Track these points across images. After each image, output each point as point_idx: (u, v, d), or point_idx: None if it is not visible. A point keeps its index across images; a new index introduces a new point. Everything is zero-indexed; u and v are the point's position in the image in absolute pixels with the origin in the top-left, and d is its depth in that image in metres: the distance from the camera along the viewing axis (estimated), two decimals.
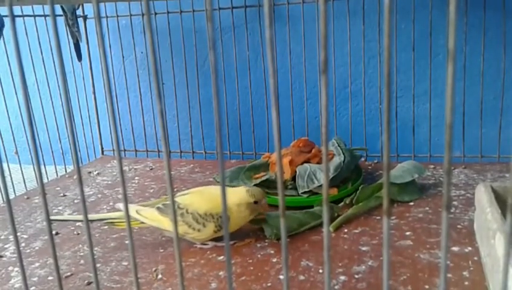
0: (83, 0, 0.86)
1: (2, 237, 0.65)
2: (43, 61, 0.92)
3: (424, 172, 0.71)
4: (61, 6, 0.89)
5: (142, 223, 0.57)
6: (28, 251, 0.60)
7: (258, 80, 0.97)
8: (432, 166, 0.83)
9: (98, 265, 0.55)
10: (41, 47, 0.92)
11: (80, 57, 0.96)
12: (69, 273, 0.54)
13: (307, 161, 0.73)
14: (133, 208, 0.57)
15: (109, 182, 0.87)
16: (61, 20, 0.98)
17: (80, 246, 0.61)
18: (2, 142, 0.85)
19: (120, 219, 0.58)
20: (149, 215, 0.57)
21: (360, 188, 0.66)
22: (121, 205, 0.59)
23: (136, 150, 1.07)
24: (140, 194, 0.79)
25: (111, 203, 0.76)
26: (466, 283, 0.46)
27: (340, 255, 0.54)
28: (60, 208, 0.75)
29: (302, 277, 0.50)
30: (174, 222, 0.25)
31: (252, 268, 0.52)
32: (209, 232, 0.56)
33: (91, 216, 0.60)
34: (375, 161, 0.89)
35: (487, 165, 0.81)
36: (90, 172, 0.94)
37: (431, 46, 0.83)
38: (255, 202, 0.57)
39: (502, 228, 0.42)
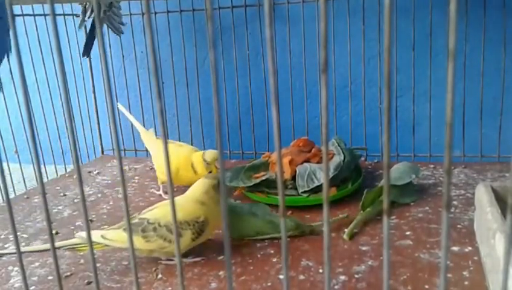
0: (85, 0, 0.86)
1: (2, 237, 0.65)
2: (43, 61, 0.92)
3: (419, 172, 0.71)
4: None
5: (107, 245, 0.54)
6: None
7: (258, 80, 0.97)
8: (432, 166, 0.83)
9: (98, 265, 0.55)
10: (41, 47, 0.92)
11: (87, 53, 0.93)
12: (69, 273, 0.54)
13: (307, 161, 0.73)
14: (97, 233, 0.53)
15: (109, 182, 0.87)
16: (61, 20, 0.98)
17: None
18: (2, 141, 0.85)
19: (83, 244, 0.53)
20: (116, 238, 0.53)
21: (364, 193, 0.64)
22: (82, 234, 0.54)
23: (136, 150, 1.07)
24: (140, 194, 0.79)
25: (111, 203, 0.76)
26: (466, 282, 0.46)
27: (340, 255, 0.54)
28: (60, 207, 0.75)
29: (302, 277, 0.50)
30: (174, 222, 0.25)
31: (252, 268, 0.52)
32: (186, 241, 0.53)
33: (57, 244, 0.55)
34: (375, 161, 0.89)
35: (487, 165, 0.81)
36: (90, 171, 0.94)
37: (431, 46, 0.83)
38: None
39: (502, 227, 0.42)
